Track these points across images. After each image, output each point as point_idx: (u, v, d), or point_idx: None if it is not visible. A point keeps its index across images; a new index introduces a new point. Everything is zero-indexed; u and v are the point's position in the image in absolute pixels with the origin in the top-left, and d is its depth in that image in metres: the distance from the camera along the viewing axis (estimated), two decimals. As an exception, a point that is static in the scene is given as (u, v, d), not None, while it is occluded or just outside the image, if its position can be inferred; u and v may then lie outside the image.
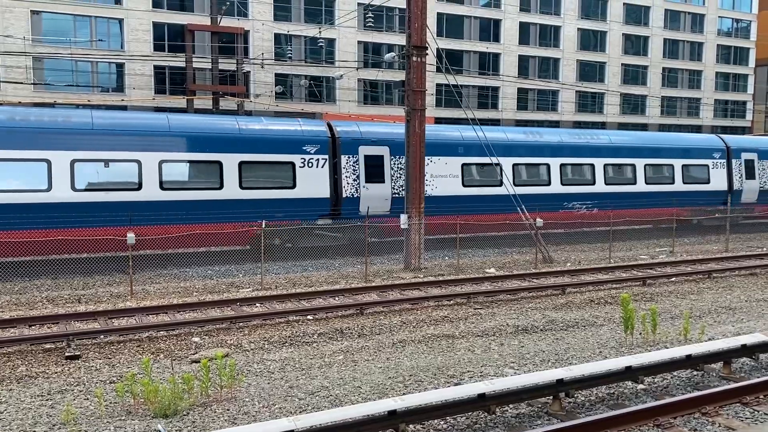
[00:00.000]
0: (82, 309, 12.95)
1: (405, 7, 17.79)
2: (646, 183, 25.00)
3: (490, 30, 55.40)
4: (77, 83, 40.76)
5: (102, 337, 10.91)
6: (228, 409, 7.52)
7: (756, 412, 7.21)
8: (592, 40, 60.46)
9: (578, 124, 57.27)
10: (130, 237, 14.58)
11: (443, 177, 21.03)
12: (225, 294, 14.60)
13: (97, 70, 42.44)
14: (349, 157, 19.68)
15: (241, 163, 18.22)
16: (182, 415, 7.31)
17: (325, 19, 47.43)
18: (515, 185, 21.35)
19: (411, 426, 6.72)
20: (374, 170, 19.97)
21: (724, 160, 27.30)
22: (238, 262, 18.57)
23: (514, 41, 56.18)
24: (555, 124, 56.58)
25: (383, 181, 20.11)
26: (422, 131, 17.85)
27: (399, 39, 47.76)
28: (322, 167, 19.18)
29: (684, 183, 25.96)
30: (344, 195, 19.54)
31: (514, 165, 22.18)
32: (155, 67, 43.13)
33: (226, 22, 37.54)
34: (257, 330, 11.61)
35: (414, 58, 17.55)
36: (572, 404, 7.51)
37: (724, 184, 27.11)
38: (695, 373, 8.61)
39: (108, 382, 8.73)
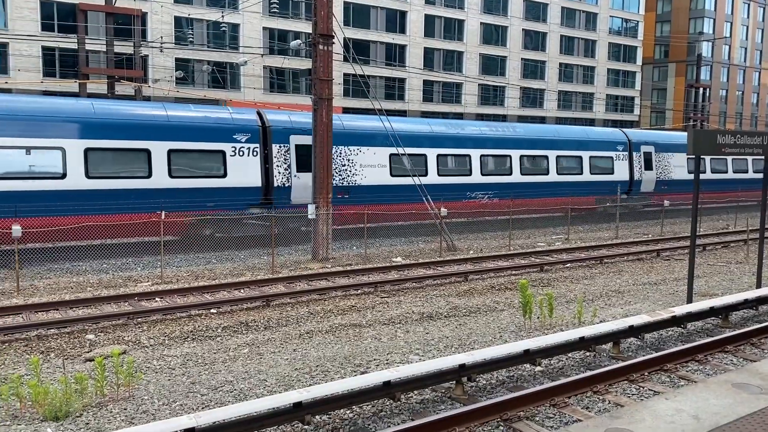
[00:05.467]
0: (-40, 308, 11.95)
1: (311, -6, 17.60)
2: None
3: (396, 21, 55.82)
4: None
5: (-16, 337, 10.16)
6: (125, 409, 7.19)
7: (641, 389, 7.71)
8: (494, 35, 62.29)
9: (481, 117, 58.95)
10: (16, 229, 13.64)
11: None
12: (122, 289, 13.95)
13: (-24, 49, 39.23)
14: None
15: None
16: (75, 416, 6.92)
17: (228, 3, 46.08)
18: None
19: (317, 417, 6.70)
20: None
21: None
22: (137, 255, 17.79)
23: (420, 33, 56.94)
24: (459, 116, 57.93)
25: None
26: (329, 121, 17.72)
27: (305, 26, 47.23)
28: None
29: None
30: None
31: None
32: (43, 48, 40.37)
33: (123, 2, 35.61)
34: (157, 325, 11.18)
35: (320, 47, 17.39)
36: (474, 388, 7.74)
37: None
38: (588, 354, 9.10)
39: (-9, 385, 8.13)
